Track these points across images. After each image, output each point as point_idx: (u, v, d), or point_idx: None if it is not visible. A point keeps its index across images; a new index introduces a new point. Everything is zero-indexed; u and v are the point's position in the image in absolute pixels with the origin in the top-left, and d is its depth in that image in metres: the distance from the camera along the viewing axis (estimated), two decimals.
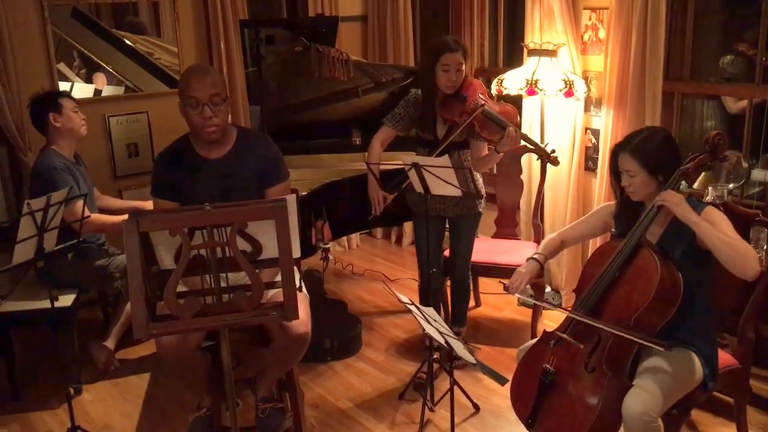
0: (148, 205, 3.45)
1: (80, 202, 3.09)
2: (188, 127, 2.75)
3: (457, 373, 3.20)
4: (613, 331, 2.29)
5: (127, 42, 4.48)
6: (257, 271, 1.86)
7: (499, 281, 2.94)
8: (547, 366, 2.43)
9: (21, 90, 3.95)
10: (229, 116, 2.78)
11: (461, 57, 3.25)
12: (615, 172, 2.52)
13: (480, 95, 3.30)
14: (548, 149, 3.59)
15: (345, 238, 5.43)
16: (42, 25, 4.10)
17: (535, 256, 2.72)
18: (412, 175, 3.15)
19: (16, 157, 4.05)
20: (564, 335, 2.44)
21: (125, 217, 3.47)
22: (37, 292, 3.43)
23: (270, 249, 1.93)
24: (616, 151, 2.49)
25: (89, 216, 3.22)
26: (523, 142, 3.44)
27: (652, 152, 2.40)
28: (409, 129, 3.49)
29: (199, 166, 2.77)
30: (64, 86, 4.22)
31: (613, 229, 2.65)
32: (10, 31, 3.88)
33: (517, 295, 2.74)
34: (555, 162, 3.58)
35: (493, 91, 4.13)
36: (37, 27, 4.10)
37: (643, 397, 2.23)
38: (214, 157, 2.79)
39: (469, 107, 3.27)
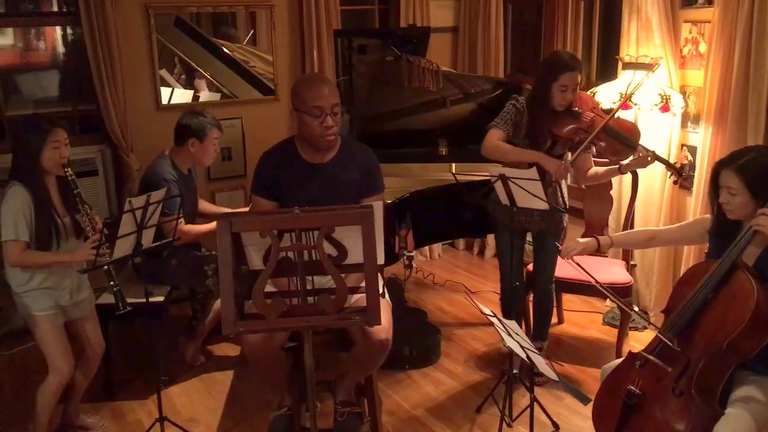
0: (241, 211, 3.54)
1: (174, 222, 3.23)
2: (303, 133, 2.80)
3: (537, 390, 3.14)
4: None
5: (225, 50, 4.66)
6: (342, 275, 1.89)
7: (556, 243, 2.94)
8: (632, 388, 2.35)
9: (126, 94, 4.16)
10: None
11: (579, 75, 3.20)
12: (714, 187, 2.43)
13: (593, 110, 3.24)
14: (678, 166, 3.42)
15: (427, 247, 5.44)
16: (148, 33, 4.32)
17: (600, 237, 2.73)
18: (498, 186, 3.12)
19: (120, 158, 4.27)
20: (651, 357, 2.35)
21: (213, 225, 3.62)
22: (133, 287, 3.59)
23: (355, 254, 1.96)
24: (720, 167, 2.40)
25: (179, 237, 3.31)
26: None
27: (759, 174, 2.30)
28: (516, 135, 3.39)
29: (302, 170, 2.85)
30: (165, 92, 4.42)
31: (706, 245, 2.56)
32: (118, 39, 4.10)
33: (568, 261, 2.71)
34: (684, 178, 3.37)
35: None
36: (143, 35, 4.31)
37: (734, 427, 2.13)
38: (319, 162, 2.86)
39: (585, 124, 3.21)
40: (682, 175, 3.21)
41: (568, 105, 3.24)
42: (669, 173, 3.26)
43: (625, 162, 3.25)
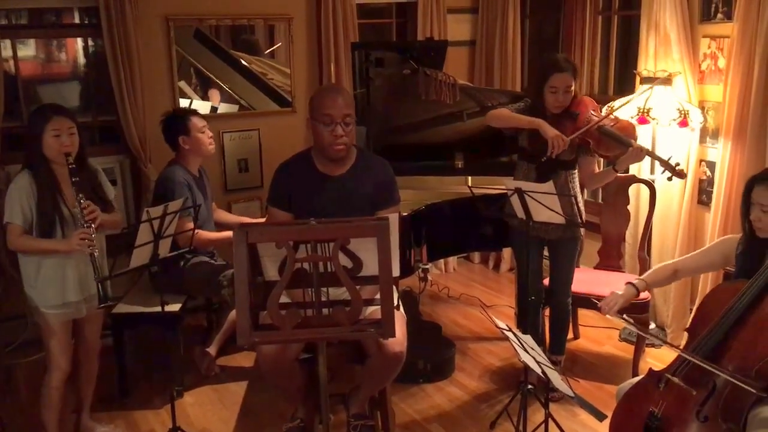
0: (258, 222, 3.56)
1: (190, 223, 3.24)
2: (315, 142, 2.85)
3: (552, 406, 3.11)
4: (732, 379, 2.12)
5: (243, 62, 4.70)
6: (357, 287, 1.89)
7: (594, 300, 2.86)
8: (655, 410, 2.28)
9: (146, 106, 4.20)
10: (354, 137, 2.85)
11: (570, 78, 3.17)
12: (746, 203, 2.39)
13: (592, 111, 3.22)
14: (672, 162, 3.39)
15: (442, 260, 5.42)
16: (168, 45, 4.37)
17: (635, 281, 2.62)
18: (515, 200, 3.11)
19: (138, 168, 4.31)
20: (675, 378, 2.28)
21: (227, 234, 3.64)
22: (150, 296, 3.62)
23: (370, 266, 1.95)
24: (753, 183, 2.36)
25: (197, 232, 3.35)
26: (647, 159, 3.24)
27: None
28: (519, 137, 3.42)
29: (318, 182, 2.86)
30: (183, 103, 4.47)
31: (731, 267, 2.50)
32: (139, 51, 4.14)
33: (611, 317, 2.64)
34: (682, 175, 3.34)
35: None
36: (163, 47, 4.36)
37: None
38: (334, 174, 2.87)
39: (582, 124, 3.19)
40: (676, 171, 3.15)
41: (562, 107, 3.22)
42: (663, 170, 3.20)
43: (618, 160, 3.20)
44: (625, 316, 2.62)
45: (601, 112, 3.28)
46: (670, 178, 3.22)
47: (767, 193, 2.29)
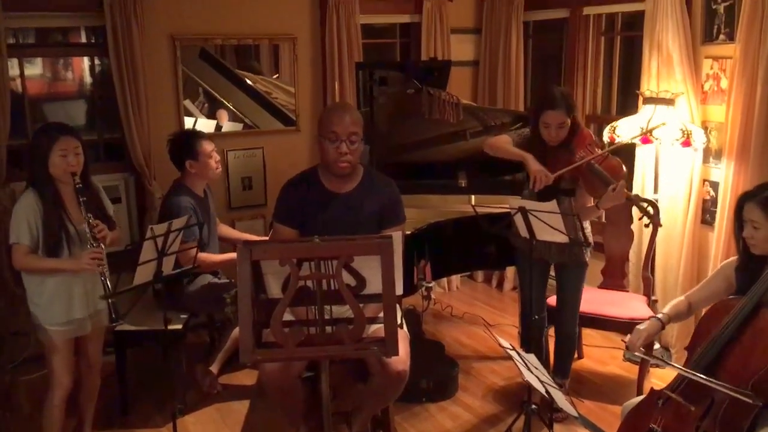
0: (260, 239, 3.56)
1: (194, 250, 3.24)
2: (321, 159, 2.87)
3: (556, 426, 3.09)
4: (729, 392, 2.14)
5: (248, 81, 4.73)
6: (360, 305, 1.89)
7: (622, 339, 2.85)
8: (654, 426, 2.30)
9: (151, 124, 4.23)
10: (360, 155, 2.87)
11: (563, 115, 3.16)
12: (738, 221, 2.40)
13: (588, 146, 3.23)
14: (652, 208, 3.38)
15: (445, 279, 5.41)
16: (173, 63, 4.41)
17: (660, 315, 2.60)
18: (518, 219, 3.12)
19: (143, 185, 4.33)
20: (673, 395, 2.31)
21: (231, 255, 3.64)
22: (152, 314, 3.61)
23: (374, 284, 1.96)
24: (744, 200, 2.38)
25: (198, 263, 3.33)
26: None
27: None
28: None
29: (324, 199, 2.87)
30: (188, 121, 4.49)
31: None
32: (144, 70, 4.18)
33: (638, 354, 2.62)
34: (658, 224, 3.38)
35: (605, 138, 4.04)
36: (168, 66, 4.40)
37: None
38: (341, 191, 2.88)
39: (575, 160, 3.21)
40: (651, 218, 3.20)
41: (558, 141, 3.23)
42: (641, 215, 3.23)
43: (601, 199, 3.20)
44: (644, 351, 2.58)
45: (596, 148, 3.28)
46: (647, 225, 3.26)
47: (758, 211, 2.31)
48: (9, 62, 3.89)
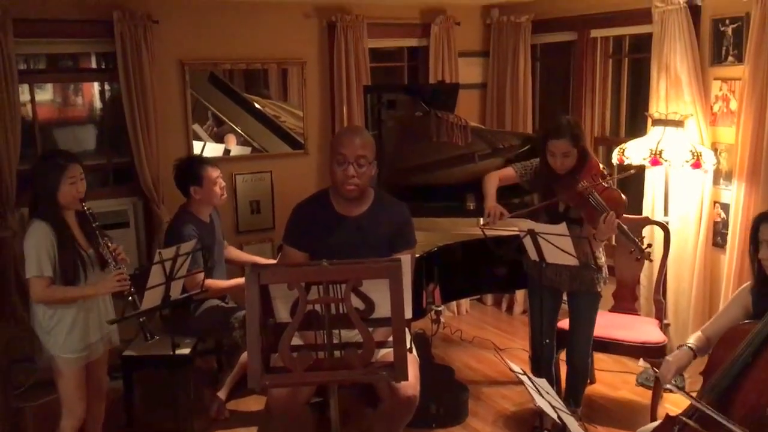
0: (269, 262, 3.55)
1: (201, 275, 3.22)
2: (331, 181, 2.86)
3: None
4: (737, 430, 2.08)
5: (257, 105, 4.75)
6: (369, 329, 1.87)
7: (653, 369, 2.80)
8: None
9: (160, 148, 4.25)
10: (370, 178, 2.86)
11: (568, 144, 3.15)
12: (754, 243, 2.37)
13: (593, 176, 3.21)
14: (644, 245, 3.34)
15: (455, 303, 5.37)
16: (182, 88, 4.43)
17: (690, 344, 2.52)
18: (527, 241, 3.10)
19: (151, 209, 4.33)
20: (690, 421, 2.25)
21: (239, 281, 3.62)
22: (160, 339, 3.59)
23: (383, 308, 1.94)
24: (759, 221, 2.36)
25: (206, 289, 3.33)
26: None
27: None
28: (529, 188, 3.47)
29: (335, 222, 2.86)
30: (197, 145, 4.51)
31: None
32: (154, 94, 4.20)
33: (669, 387, 2.55)
34: (648, 258, 3.35)
35: (614, 161, 4.03)
36: (178, 90, 4.43)
37: None
38: (351, 214, 2.87)
39: (579, 189, 3.19)
40: (643, 252, 3.19)
41: (565, 170, 3.21)
42: (632, 249, 3.20)
43: (597, 228, 3.16)
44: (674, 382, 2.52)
45: (600, 179, 3.27)
46: (638, 259, 3.26)
47: None
48: (20, 88, 3.93)
